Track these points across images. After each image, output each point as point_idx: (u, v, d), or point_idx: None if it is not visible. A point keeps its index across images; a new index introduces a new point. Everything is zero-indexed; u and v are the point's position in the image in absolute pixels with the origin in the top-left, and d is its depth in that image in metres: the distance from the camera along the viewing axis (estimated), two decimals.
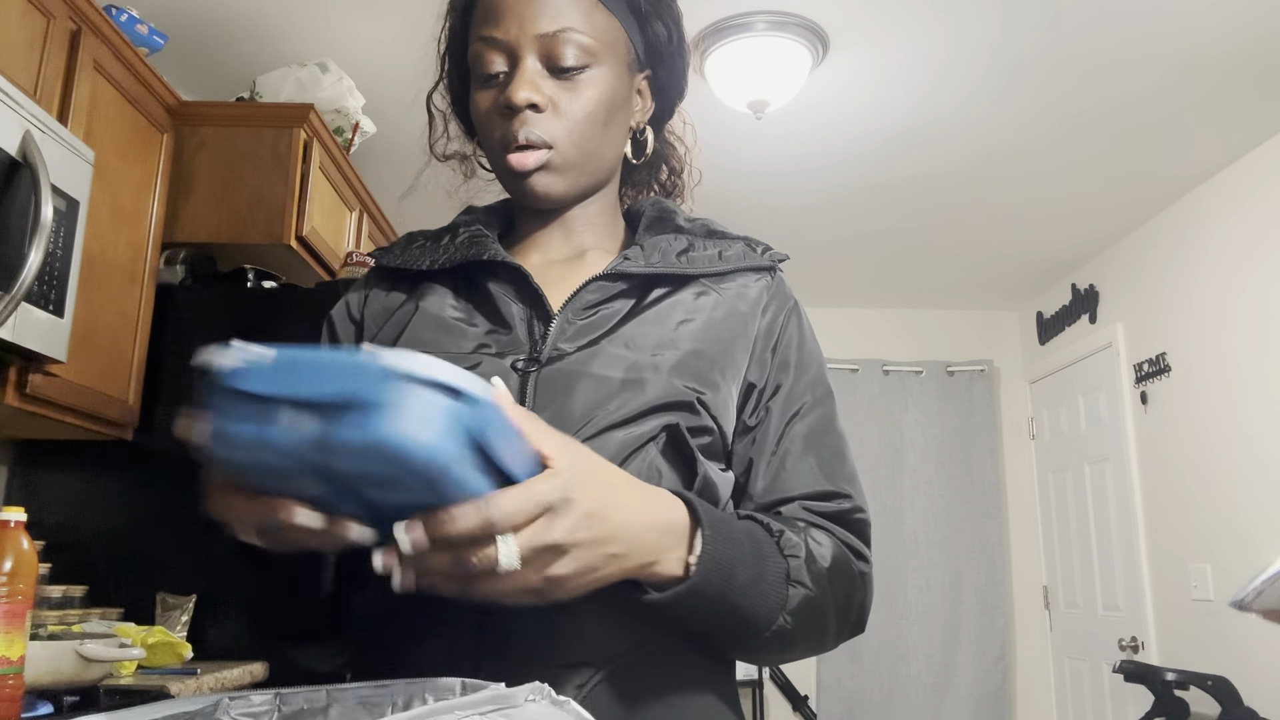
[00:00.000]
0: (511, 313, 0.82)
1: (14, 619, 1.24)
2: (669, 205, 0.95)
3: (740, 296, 0.86)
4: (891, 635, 4.61)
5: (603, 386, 0.77)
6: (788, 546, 0.74)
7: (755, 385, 0.84)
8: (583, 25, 0.82)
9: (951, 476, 4.78)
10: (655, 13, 0.89)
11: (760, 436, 0.83)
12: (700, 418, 0.78)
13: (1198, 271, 3.53)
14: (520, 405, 0.71)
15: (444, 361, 0.53)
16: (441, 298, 0.85)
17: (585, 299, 0.82)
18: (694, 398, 0.78)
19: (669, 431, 0.77)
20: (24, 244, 1.69)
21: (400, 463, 0.51)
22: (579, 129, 0.83)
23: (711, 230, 0.91)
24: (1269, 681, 3.00)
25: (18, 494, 2.34)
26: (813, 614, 0.75)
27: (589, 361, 0.78)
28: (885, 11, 2.53)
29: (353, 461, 0.52)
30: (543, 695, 0.41)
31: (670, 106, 0.97)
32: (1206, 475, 3.43)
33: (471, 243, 0.86)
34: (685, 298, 0.85)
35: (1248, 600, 0.87)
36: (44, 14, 1.92)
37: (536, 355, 0.79)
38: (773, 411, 0.84)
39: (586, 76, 0.83)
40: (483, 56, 0.83)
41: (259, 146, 2.56)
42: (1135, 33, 2.58)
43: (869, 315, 5.03)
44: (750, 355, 0.85)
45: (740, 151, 3.29)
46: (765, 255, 0.90)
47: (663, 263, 0.85)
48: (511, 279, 0.84)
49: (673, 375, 0.78)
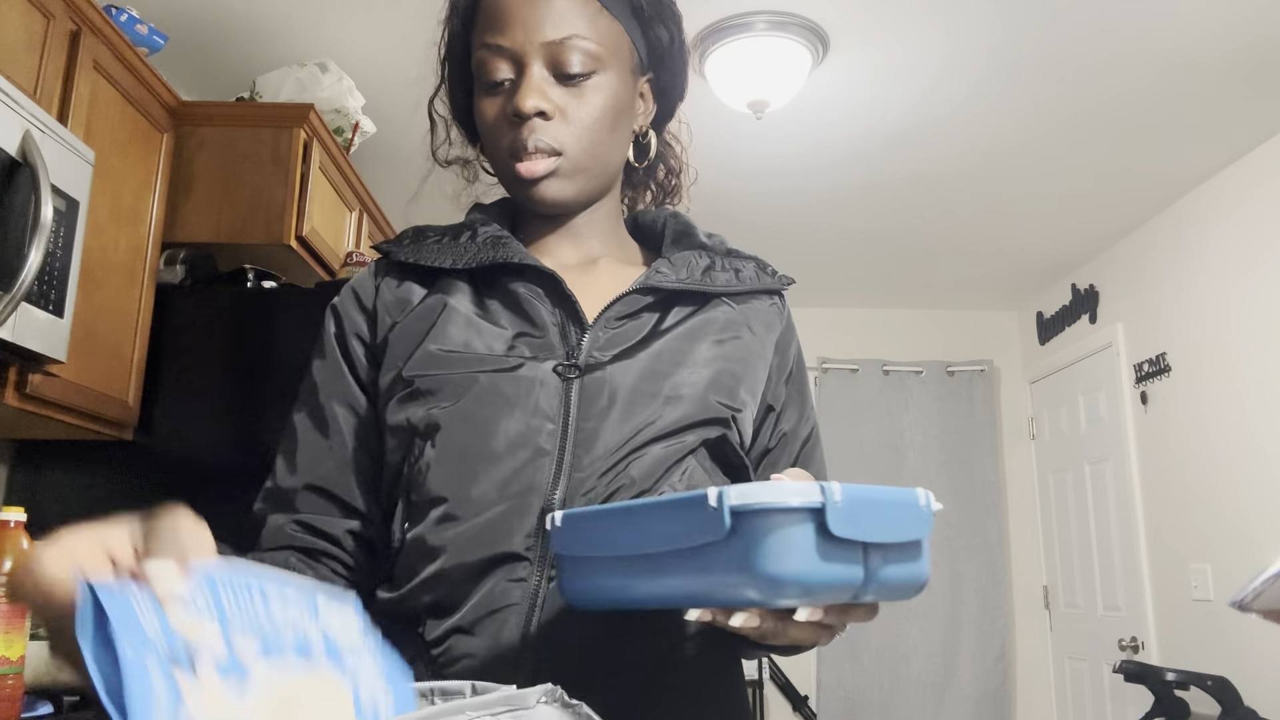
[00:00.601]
0: (543, 316, 0.82)
1: (14, 619, 1.24)
2: (689, 221, 0.96)
3: (759, 320, 0.89)
4: (891, 635, 4.60)
5: (642, 400, 0.78)
6: None
7: (773, 409, 0.88)
8: (588, 31, 0.82)
9: (951, 476, 4.78)
10: (657, 16, 0.89)
11: (774, 460, 0.88)
12: (733, 432, 0.82)
13: (1198, 271, 3.53)
14: (566, 414, 0.76)
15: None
16: (464, 293, 0.85)
17: (617, 310, 0.83)
18: (729, 414, 0.81)
19: (708, 445, 0.80)
20: (24, 244, 1.68)
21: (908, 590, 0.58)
22: (587, 135, 0.83)
23: (729, 249, 0.93)
24: (1269, 681, 3.00)
25: (18, 494, 2.34)
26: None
27: (627, 374, 0.79)
28: (885, 11, 2.53)
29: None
30: (554, 698, 0.41)
31: (671, 108, 0.97)
32: (1206, 475, 3.43)
33: (496, 244, 0.85)
34: (712, 315, 0.86)
35: (1248, 600, 0.87)
36: (44, 14, 1.91)
37: (575, 361, 0.79)
38: (787, 439, 0.89)
39: (593, 83, 0.83)
40: (488, 64, 0.83)
41: (259, 146, 2.56)
42: (1135, 33, 2.58)
43: (869, 315, 5.03)
44: (768, 378, 0.88)
45: (740, 151, 3.29)
46: (775, 278, 0.92)
47: (690, 279, 0.86)
48: (540, 282, 0.83)
49: (709, 392, 0.81)
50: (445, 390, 0.78)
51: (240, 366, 2.42)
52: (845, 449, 4.76)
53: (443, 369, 0.79)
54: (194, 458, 2.36)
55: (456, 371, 0.78)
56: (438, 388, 0.78)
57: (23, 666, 1.26)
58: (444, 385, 0.78)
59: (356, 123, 2.86)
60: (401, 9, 2.52)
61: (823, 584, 0.53)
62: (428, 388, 0.78)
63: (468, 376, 0.78)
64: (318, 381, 0.86)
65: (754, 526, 0.51)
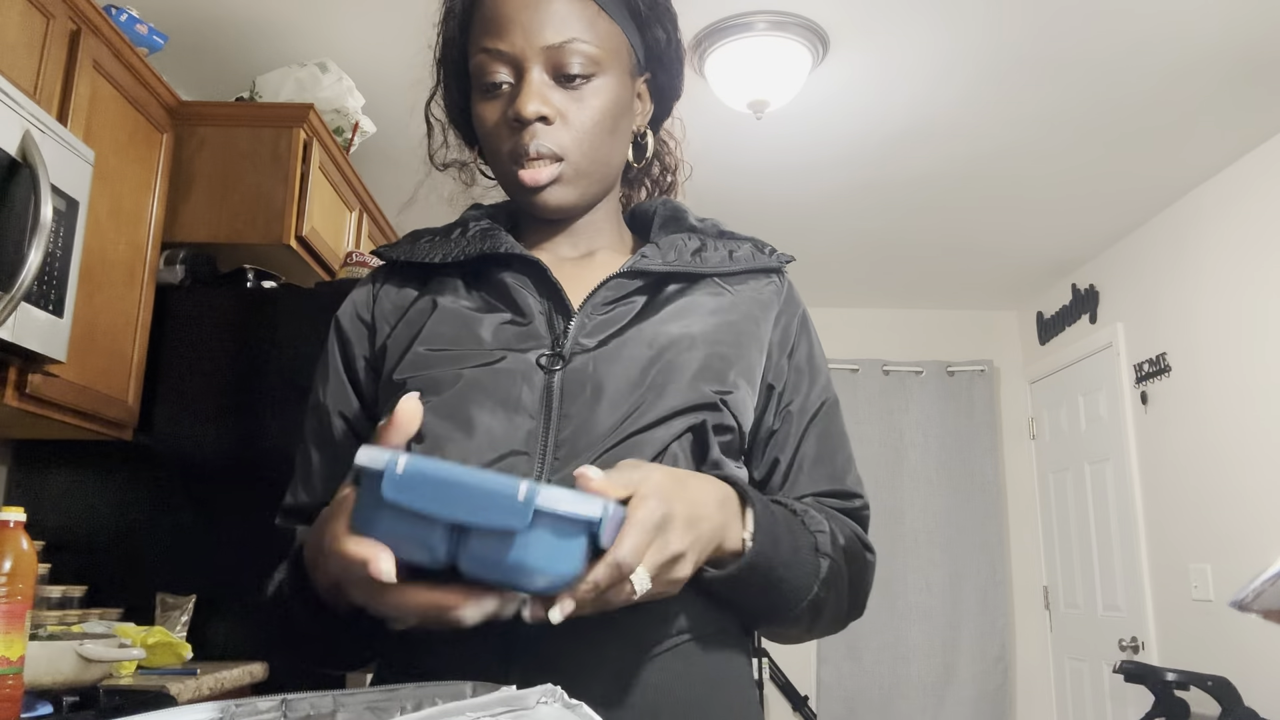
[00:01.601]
0: (529, 304, 0.83)
1: (14, 619, 1.23)
2: (680, 205, 0.96)
3: (753, 299, 0.88)
4: (891, 635, 4.60)
5: (627, 388, 0.78)
6: (812, 523, 0.78)
7: (775, 389, 0.87)
8: (587, 34, 0.82)
9: (951, 476, 4.78)
10: (654, 17, 0.89)
11: (781, 439, 0.87)
12: (723, 416, 0.80)
13: (1197, 271, 3.53)
14: (548, 406, 0.76)
15: (571, 492, 0.58)
16: (455, 290, 0.86)
17: (603, 295, 0.83)
18: (717, 399, 0.80)
19: (694, 430, 0.79)
20: (24, 244, 1.68)
21: (531, 575, 0.58)
22: (588, 139, 0.83)
23: (722, 231, 0.92)
24: (1269, 681, 3.00)
25: (18, 494, 2.34)
26: (837, 585, 0.80)
27: (611, 363, 0.79)
28: (885, 11, 2.52)
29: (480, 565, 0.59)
30: (555, 698, 0.41)
31: (668, 108, 0.98)
32: (1207, 475, 3.43)
33: (485, 236, 0.86)
34: (700, 297, 0.86)
35: (1248, 600, 0.88)
36: (44, 14, 1.91)
37: (559, 351, 0.80)
38: (792, 416, 0.87)
39: (593, 86, 0.83)
40: (486, 68, 0.83)
41: (259, 146, 2.56)
42: (1135, 33, 2.58)
43: (869, 315, 5.03)
44: (766, 359, 0.86)
45: (740, 151, 3.29)
46: (773, 256, 0.91)
47: (678, 261, 0.86)
48: (527, 271, 0.84)
49: (696, 380, 0.79)
50: (429, 388, 0.78)
51: (240, 366, 2.42)
52: None
53: (429, 367, 0.80)
54: (194, 458, 2.36)
55: (442, 369, 0.79)
56: (424, 386, 0.79)
57: (22, 666, 1.26)
58: (429, 383, 0.79)
59: (356, 123, 2.86)
60: (401, 9, 2.52)
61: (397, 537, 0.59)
62: (415, 387, 0.79)
63: (453, 373, 0.79)
64: (323, 400, 0.88)
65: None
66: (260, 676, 2.18)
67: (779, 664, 4.54)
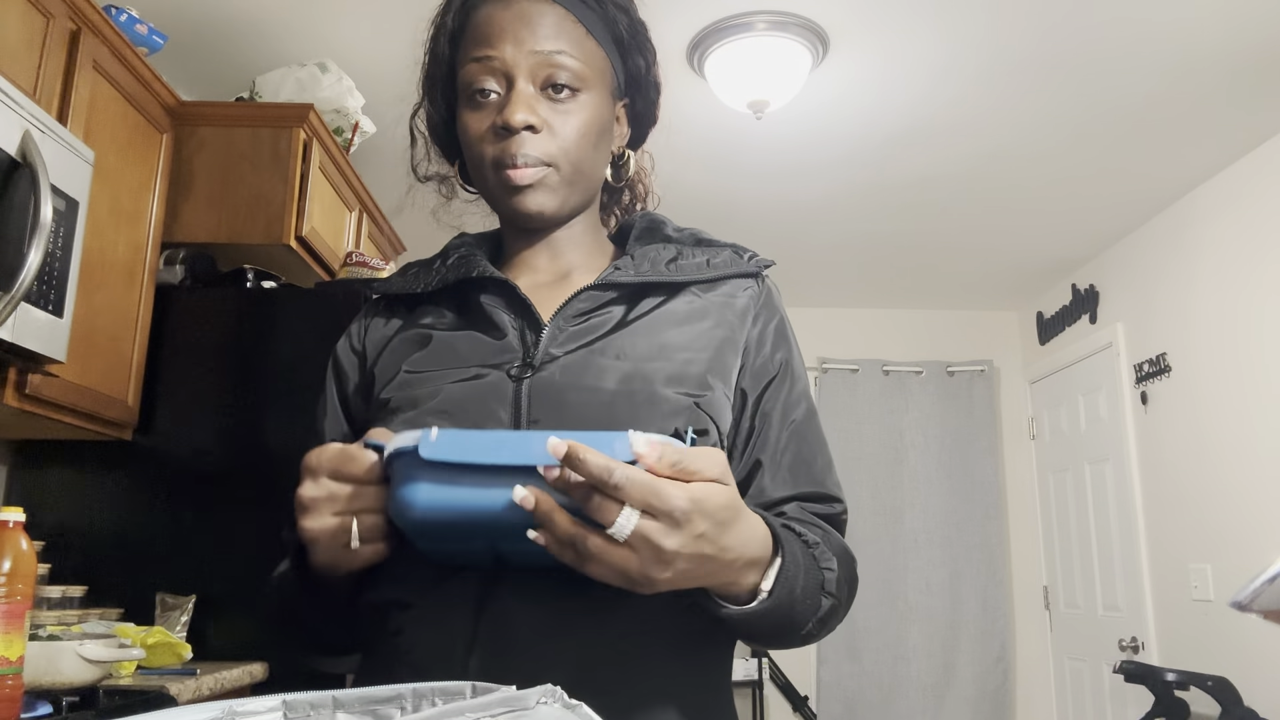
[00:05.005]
0: (504, 321, 0.85)
1: (13, 619, 1.24)
2: (658, 216, 0.98)
3: (728, 305, 0.89)
4: (891, 635, 4.61)
5: (595, 399, 0.79)
6: (823, 559, 0.79)
7: (750, 393, 0.87)
8: (575, 51, 0.86)
9: (951, 476, 4.78)
10: (636, 45, 0.93)
11: (760, 442, 0.86)
12: (699, 418, 0.80)
13: (1197, 272, 3.53)
14: (518, 415, 0.78)
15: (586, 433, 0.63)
16: (439, 315, 0.89)
17: (576, 307, 0.85)
18: (690, 402, 0.80)
19: (673, 435, 0.78)
20: (24, 244, 1.68)
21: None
22: (573, 150, 0.85)
23: (700, 239, 0.94)
24: (1269, 681, 3.00)
25: (17, 494, 2.34)
26: (832, 619, 0.81)
27: (581, 374, 0.80)
28: (885, 11, 2.53)
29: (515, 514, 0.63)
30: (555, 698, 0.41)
31: (644, 133, 1.00)
32: (1206, 475, 3.43)
33: (461, 262, 0.90)
34: (676, 306, 0.87)
35: (1247, 601, 0.88)
36: (44, 14, 1.91)
37: (530, 361, 0.82)
38: (771, 419, 0.87)
39: (578, 100, 0.86)
40: (476, 77, 0.85)
41: (258, 146, 2.56)
42: (1135, 34, 2.58)
43: (869, 315, 5.03)
44: (742, 362, 0.87)
45: (740, 152, 3.28)
46: (751, 261, 0.92)
47: (652, 271, 0.87)
48: (499, 291, 0.87)
49: (669, 384, 0.80)
50: (411, 405, 0.82)
51: (240, 366, 2.42)
52: (845, 449, 4.76)
53: (413, 388, 0.83)
54: (194, 458, 2.36)
55: (424, 388, 0.82)
56: (406, 404, 0.82)
57: (22, 666, 1.26)
58: (411, 401, 0.82)
59: (356, 123, 2.86)
60: (401, 9, 2.52)
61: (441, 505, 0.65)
62: (397, 405, 0.82)
63: (432, 390, 0.82)
64: (321, 429, 0.92)
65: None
66: (260, 676, 2.18)
67: (779, 664, 4.55)
